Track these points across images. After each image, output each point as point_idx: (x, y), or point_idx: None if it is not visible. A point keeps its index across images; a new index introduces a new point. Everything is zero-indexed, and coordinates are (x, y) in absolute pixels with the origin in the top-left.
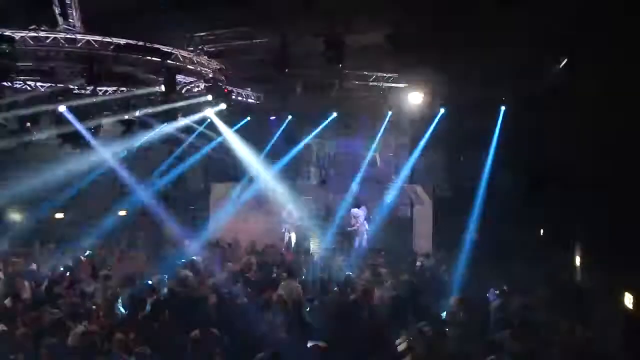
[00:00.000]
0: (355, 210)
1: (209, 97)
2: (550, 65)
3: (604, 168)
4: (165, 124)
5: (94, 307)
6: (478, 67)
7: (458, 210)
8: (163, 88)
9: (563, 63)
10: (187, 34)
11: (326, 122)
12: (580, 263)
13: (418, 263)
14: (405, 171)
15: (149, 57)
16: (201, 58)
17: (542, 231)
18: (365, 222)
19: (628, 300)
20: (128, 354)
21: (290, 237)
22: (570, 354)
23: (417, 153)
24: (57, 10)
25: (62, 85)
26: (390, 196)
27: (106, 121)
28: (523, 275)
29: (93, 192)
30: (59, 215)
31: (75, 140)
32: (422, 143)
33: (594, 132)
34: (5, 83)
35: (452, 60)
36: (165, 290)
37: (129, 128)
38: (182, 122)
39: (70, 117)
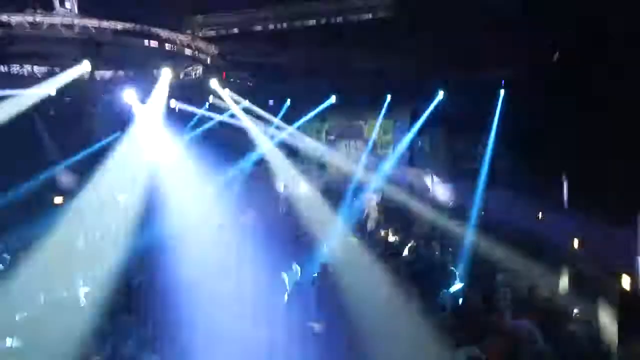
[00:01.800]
0: (368, 195)
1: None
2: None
3: None
4: None
5: None
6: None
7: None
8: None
9: None
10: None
11: (325, 104)
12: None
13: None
14: (398, 153)
15: (147, 41)
16: (199, 42)
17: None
18: (376, 207)
19: (625, 281)
20: None
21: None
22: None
23: (413, 133)
24: None
25: (58, 69)
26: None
27: None
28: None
29: None
30: None
31: None
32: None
33: None
34: (2, 67)
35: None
36: None
37: None
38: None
39: None
